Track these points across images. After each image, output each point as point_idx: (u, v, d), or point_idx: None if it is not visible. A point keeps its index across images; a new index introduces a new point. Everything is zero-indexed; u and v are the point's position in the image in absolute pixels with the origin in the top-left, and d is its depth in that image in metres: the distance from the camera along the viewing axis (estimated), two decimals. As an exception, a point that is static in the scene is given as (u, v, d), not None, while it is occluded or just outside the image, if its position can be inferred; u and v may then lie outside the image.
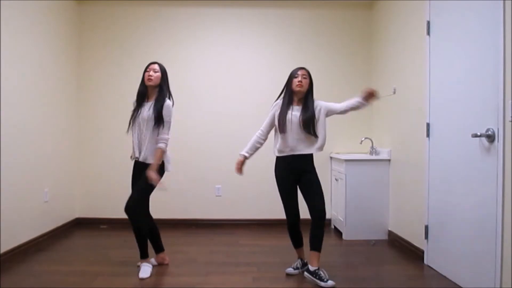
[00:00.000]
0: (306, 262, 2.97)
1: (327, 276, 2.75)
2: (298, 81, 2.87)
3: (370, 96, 2.81)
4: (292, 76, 2.93)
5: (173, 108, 3.00)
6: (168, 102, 2.96)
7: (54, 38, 4.04)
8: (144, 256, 2.99)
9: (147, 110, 2.92)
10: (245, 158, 2.97)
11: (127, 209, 2.85)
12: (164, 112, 2.91)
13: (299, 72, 2.90)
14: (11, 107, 3.30)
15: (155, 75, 2.95)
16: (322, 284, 2.71)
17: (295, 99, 2.92)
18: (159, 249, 3.15)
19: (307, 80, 2.91)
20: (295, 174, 2.90)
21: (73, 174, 4.50)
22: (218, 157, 4.60)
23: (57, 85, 4.10)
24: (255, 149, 3.00)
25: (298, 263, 3.05)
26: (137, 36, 4.60)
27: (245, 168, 2.97)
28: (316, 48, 4.66)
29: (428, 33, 3.17)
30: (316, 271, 2.77)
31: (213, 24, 4.64)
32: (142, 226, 2.93)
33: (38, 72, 3.74)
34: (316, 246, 2.81)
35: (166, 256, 3.19)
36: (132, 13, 4.61)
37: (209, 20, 4.63)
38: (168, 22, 4.62)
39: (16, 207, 3.38)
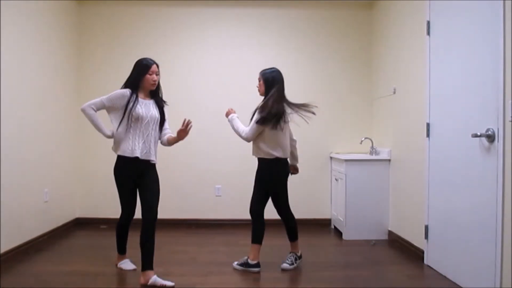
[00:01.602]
0: (300, 255, 3.23)
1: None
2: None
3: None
4: None
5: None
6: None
7: (54, 38, 4.04)
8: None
9: (152, 109, 2.82)
10: None
11: (154, 216, 2.77)
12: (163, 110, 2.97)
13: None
14: (11, 107, 3.30)
15: (157, 78, 2.85)
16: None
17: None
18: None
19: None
20: None
21: (73, 174, 4.50)
22: (218, 157, 4.60)
23: (57, 85, 4.10)
24: None
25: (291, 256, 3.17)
26: (137, 36, 4.60)
27: (245, 168, 2.98)
28: (316, 48, 4.66)
29: (428, 33, 3.17)
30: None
31: (213, 24, 4.63)
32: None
33: (37, 72, 3.74)
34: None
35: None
36: (132, 13, 4.61)
37: (209, 20, 4.63)
38: (168, 22, 4.62)
39: (16, 207, 3.38)
